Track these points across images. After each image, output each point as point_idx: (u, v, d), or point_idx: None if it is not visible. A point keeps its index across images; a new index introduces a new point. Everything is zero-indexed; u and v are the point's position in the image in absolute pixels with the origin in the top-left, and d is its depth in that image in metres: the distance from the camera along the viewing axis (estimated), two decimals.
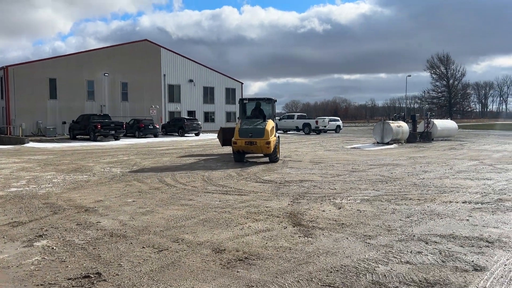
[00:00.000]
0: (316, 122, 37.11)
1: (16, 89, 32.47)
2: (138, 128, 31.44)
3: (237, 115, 16.48)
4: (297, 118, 38.70)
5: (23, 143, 24.17)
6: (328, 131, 40.84)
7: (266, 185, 9.08)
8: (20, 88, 32.62)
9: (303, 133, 37.48)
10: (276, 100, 15.18)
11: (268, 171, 11.47)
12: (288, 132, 40.31)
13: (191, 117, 37.37)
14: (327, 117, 41.72)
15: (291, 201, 7.34)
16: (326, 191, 8.31)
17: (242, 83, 49.37)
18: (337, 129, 41.82)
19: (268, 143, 13.53)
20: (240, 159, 14.07)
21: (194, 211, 6.61)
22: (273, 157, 14.06)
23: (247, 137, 13.55)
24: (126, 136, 31.72)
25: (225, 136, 17.34)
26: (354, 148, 20.56)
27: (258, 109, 15.18)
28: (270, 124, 13.96)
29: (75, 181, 9.80)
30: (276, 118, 49.06)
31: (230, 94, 47.84)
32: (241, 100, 15.20)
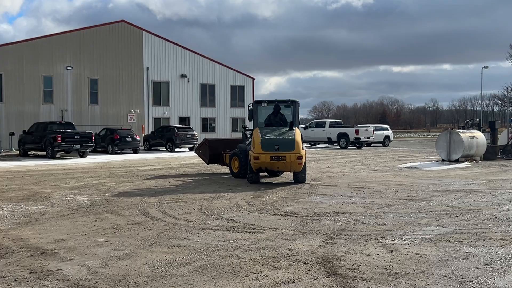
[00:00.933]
0: (356, 132, 37.07)
1: None
2: (112, 141, 31.81)
3: (246, 122, 17.16)
4: (329, 127, 38.72)
5: None
6: (372, 144, 40.73)
7: (288, 219, 9.07)
8: None
9: (338, 146, 37.45)
10: (299, 103, 15.75)
11: (291, 199, 11.46)
12: (317, 146, 40.30)
13: (183, 126, 37.68)
14: (371, 125, 41.63)
15: (323, 242, 7.31)
16: (372, 228, 8.27)
17: (253, 79, 49.75)
18: (386, 141, 41.68)
19: (300, 157, 14.23)
20: (257, 180, 14.76)
21: (189, 255, 6.60)
22: (301, 177, 14.68)
23: (273, 151, 14.24)
24: (95, 151, 32.10)
25: (213, 151, 18.09)
26: (410, 167, 20.48)
27: (277, 114, 15.77)
28: (298, 133, 14.61)
29: (27, 213, 9.90)
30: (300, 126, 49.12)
31: (237, 93, 48.20)
32: (255, 103, 15.84)
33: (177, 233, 7.97)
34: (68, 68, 37.97)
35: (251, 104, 16.18)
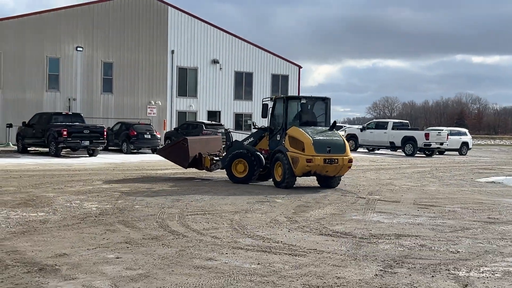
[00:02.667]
0: (426, 136, 36.56)
1: None
2: (127, 138, 32.29)
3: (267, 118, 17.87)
4: (392, 128, 38.32)
5: None
6: (446, 152, 40.10)
7: (337, 241, 9.04)
8: None
9: (403, 153, 37.01)
10: (331, 100, 17.46)
11: (341, 216, 11.41)
12: (376, 152, 39.93)
13: (213, 122, 37.95)
14: (445, 128, 40.94)
15: (381, 270, 7.26)
16: (442, 256, 8.17)
17: (299, 67, 49.71)
18: (463, 148, 40.97)
19: (351, 161, 16.31)
20: (292, 184, 16.25)
21: (215, 279, 6.64)
22: (338, 181, 16.85)
23: (325, 153, 15.82)
24: (107, 149, 32.65)
25: (195, 152, 18.37)
26: (493, 182, 20.12)
27: (310, 112, 17.26)
28: (341, 134, 16.16)
29: (24, 221, 10.13)
30: (352, 126, 48.88)
31: (279, 84, 48.26)
32: (287, 98, 17.10)
33: (202, 252, 8.02)
34: (78, 49, 38.73)
35: (268, 99, 17.68)
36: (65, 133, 27.29)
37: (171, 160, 19.30)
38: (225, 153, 18.34)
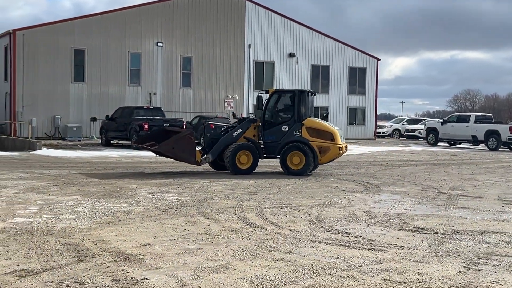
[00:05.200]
0: (511, 129, 35.29)
1: (26, 65, 35.94)
2: (205, 131, 32.73)
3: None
4: (474, 122, 37.22)
5: (33, 149, 26.63)
6: None
7: (418, 236, 8.91)
8: (32, 64, 36.04)
9: (486, 147, 35.90)
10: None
11: (422, 212, 11.22)
12: (458, 146, 38.95)
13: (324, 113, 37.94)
14: None
15: (464, 267, 7.11)
16: None
17: (378, 60, 48.98)
18: None
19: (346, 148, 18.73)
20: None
21: (295, 272, 6.67)
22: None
23: (343, 141, 18.23)
24: None
25: (181, 144, 16.89)
26: None
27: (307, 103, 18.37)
28: None
29: (109, 211, 10.51)
30: (432, 120, 47.91)
31: (356, 77, 47.74)
32: (300, 92, 17.98)
33: (281, 245, 8.07)
34: (159, 44, 39.57)
35: (265, 92, 18.56)
36: (146, 126, 28.01)
37: (171, 156, 17.30)
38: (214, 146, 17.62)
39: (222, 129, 19.01)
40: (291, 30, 45.07)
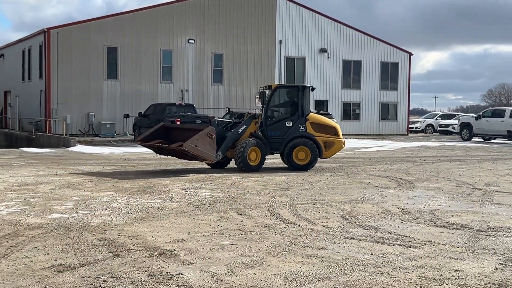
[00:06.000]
0: None
1: (61, 63, 36.45)
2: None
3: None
4: (509, 117, 36.66)
5: (68, 146, 27.10)
6: None
7: (453, 233, 8.84)
8: (66, 62, 36.54)
9: None
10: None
11: (457, 208, 11.12)
12: (492, 141, 38.42)
13: (321, 111, 37.80)
14: None
15: (501, 264, 7.04)
16: None
17: (410, 54, 48.49)
18: None
19: None
20: None
21: (328, 268, 6.68)
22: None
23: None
24: None
25: (203, 142, 16.16)
26: None
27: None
28: None
29: (143, 207, 10.64)
30: (466, 115, 47.27)
31: (388, 72, 47.30)
32: (303, 87, 18.24)
33: (314, 241, 8.08)
34: (190, 41, 39.75)
35: (265, 87, 18.66)
36: (178, 123, 28.19)
37: (196, 154, 16.07)
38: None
39: (223, 125, 18.87)
40: (322, 25, 44.86)
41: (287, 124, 17.72)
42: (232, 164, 17.64)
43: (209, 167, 17.91)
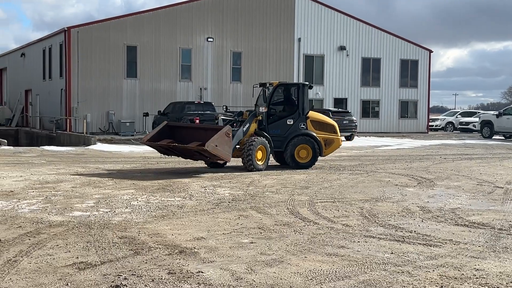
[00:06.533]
0: None
1: (81, 62, 36.71)
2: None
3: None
4: None
5: (88, 144, 27.30)
6: None
7: (474, 231, 8.79)
8: (86, 61, 36.81)
9: None
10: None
11: (477, 206, 11.06)
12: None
13: (340, 109, 37.76)
14: None
15: None
16: None
17: (430, 51, 48.15)
18: None
19: None
20: None
21: (348, 267, 6.67)
22: None
23: None
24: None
25: (222, 141, 15.73)
26: None
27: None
28: None
29: (163, 205, 10.70)
30: (487, 112, 46.87)
31: (408, 70, 46.99)
32: (303, 85, 18.06)
33: (333, 240, 8.07)
34: (209, 39, 39.84)
35: (260, 84, 18.49)
36: (197, 121, 28.31)
37: (215, 154, 15.50)
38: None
39: (225, 123, 18.74)
40: (341, 23, 44.71)
41: (288, 122, 17.53)
42: (230, 164, 17.26)
43: (208, 166, 17.47)
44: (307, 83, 18.39)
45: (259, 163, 16.83)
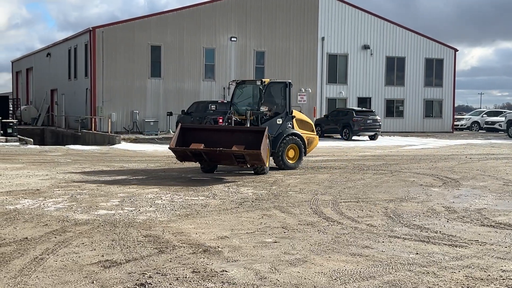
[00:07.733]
0: None
1: (106, 62, 37.05)
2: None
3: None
4: None
5: (113, 143, 27.52)
6: None
7: (501, 232, 8.70)
8: (111, 61, 37.12)
9: None
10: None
11: (504, 207, 10.93)
12: None
13: (363, 109, 37.58)
14: None
15: None
16: None
17: (455, 50, 47.69)
18: None
19: None
20: None
21: (373, 267, 6.65)
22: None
23: None
24: None
25: (265, 144, 14.84)
26: None
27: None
28: None
29: (187, 204, 10.75)
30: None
31: (433, 68, 46.58)
32: (290, 83, 17.38)
33: (358, 240, 8.04)
34: (232, 39, 39.91)
35: (234, 82, 18.02)
36: (220, 121, 28.34)
37: (262, 158, 14.22)
38: None
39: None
40: (365, 21, 44.45)
41: (277, 122, 16.83)
42: (225, 168, 16.74)
43: (202, 171, 16.08)
44: (290, 81, 17.76)
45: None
